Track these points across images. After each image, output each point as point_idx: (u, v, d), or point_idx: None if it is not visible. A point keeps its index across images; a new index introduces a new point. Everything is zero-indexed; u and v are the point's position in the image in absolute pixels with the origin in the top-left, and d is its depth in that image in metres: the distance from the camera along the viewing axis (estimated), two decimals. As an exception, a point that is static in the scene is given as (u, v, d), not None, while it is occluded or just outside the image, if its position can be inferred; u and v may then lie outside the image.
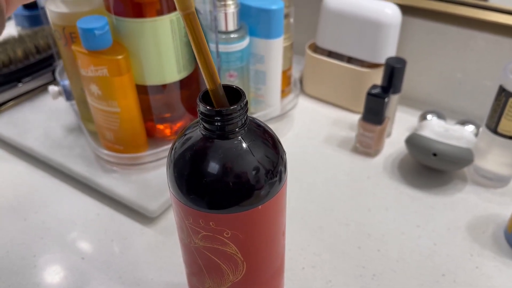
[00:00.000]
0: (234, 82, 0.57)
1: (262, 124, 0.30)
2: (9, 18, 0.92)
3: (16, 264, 0.47)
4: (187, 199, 0.27)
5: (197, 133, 0.27)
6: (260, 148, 0.27)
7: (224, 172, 0.26)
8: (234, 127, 0.26)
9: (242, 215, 0.27)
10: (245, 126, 0.27)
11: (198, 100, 0.26)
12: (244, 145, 0.27)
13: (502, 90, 0.49)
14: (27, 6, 0.77)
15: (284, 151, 0.30)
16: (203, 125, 0.27)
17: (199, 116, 0.27)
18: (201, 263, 0.31)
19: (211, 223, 0.27)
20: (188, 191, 0.27)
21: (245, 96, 0.27)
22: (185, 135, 0.28)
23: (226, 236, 0.28)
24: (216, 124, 0.26)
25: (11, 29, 0.82)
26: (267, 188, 0.28)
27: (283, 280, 0.38)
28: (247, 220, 0.28)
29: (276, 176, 0.28)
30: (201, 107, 0.26)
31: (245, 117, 0.27)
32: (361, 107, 0.63)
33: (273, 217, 0.30)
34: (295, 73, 0.71)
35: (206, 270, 0.31)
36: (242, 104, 0.26)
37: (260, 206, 0.28)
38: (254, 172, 0.27)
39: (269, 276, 0.33)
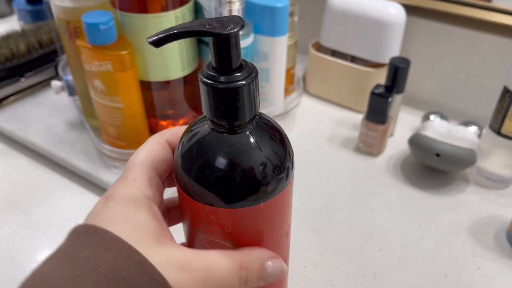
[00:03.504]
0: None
1: (270, 120, 0.30)
2: (12, 13, 0.92)
3: (18, 259, 0.47)
4: (192, 192, 0.27)
5: (204, 127, 0.27)
6: (267, 143, 0.27)
7: (230, 166, 0.26)
8: (242, 121, 0.26)
9: (247, 210, 0.27)
10: (253, 121, 0.27)
11: None
12: (251, 140, 0.27)
13: (506, 92, 0.49)
14: (30, 1, 0.77)
15: (291, 147, 0.30)
16: (210, 119, 0.27)
17: None
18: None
19: (212, 216, 0.27)
20: (194, 184, 0.27)
21: None
22: (192, 129, 0.28)
23: (227, 231, 0.28)
24: None
25: (14, 24, 0.82)
26: (274, 184, 0.27)
27: (287, 282, 0.37)
28: (251, 216, 0.28)
29: (283, 172, 0.28)
30: None
31: None
32: (364, 106, 0.63)
33: (278, 214, 0.30)
34: (298, 72, 0.71)
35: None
36: None
37: (265, 202, 0.27)
38: (261, 168, 0.27)
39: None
